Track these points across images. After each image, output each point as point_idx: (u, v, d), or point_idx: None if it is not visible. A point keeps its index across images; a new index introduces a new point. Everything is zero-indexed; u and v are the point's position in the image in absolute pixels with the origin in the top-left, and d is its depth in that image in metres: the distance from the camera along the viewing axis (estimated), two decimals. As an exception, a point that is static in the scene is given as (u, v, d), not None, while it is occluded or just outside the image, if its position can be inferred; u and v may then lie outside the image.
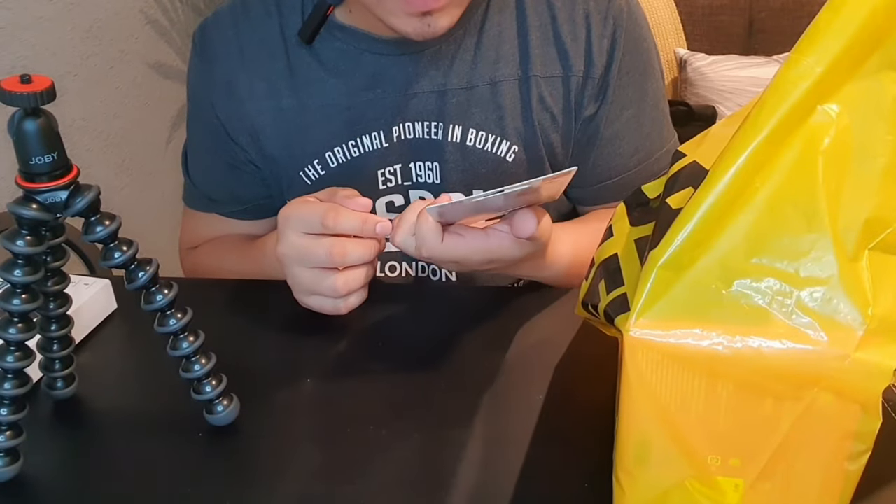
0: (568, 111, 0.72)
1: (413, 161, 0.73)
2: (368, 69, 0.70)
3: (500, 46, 0.70)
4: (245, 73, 0.72)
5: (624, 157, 0.74)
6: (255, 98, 0.72)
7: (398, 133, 0.71)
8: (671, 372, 0.36)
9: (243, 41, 0.72)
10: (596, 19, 0.70)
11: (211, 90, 0.74)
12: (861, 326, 0.33)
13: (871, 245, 0.35)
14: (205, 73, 0.75)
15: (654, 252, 0.36)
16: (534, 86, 0.70)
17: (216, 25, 0.74)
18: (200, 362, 0.50)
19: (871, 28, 0.34)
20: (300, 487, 0.47)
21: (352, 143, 0.72)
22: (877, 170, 0.35)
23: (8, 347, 0.46)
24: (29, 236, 0.43)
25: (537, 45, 0.70)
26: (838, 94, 0.35)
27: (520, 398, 0.53)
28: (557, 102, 0.71)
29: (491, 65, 0.70)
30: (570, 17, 0.70)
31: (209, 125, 0.75)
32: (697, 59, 2.23)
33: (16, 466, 0.48)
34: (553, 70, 0.71)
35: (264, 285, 0.70)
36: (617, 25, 0.71)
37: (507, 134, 0.71)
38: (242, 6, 0.73)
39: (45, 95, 0.40)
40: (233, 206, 0.80)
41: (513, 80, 0.70)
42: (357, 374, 0.57)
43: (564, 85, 0.71)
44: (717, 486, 0.38)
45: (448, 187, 0.73)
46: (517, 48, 0.70)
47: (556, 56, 0.71)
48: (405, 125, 0.71)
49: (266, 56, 0.72)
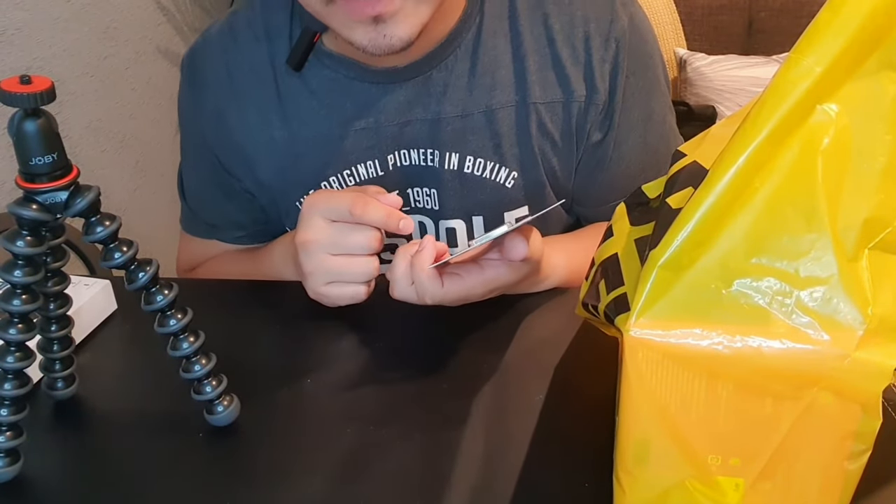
0: (569, 135, 0.70)
1: (410, 187, 0.72)
2: (359, 98, 0.68)
3: (495, 71, 0.68)
4: (235, 101, 0.71)
5: (631, 176, 0.73)
6: (247, 128, 0.71)
7: (393, 161, 0.70)
8: (671, 372, 0.36)
9: (232, 68, 0.71)
10: (596, 42, 0.68)
11: (201, 119, 0.73)
12: (861, 326, 0.33)
13: (870, 244, 0.35)
14: (195, 102, 0.73)
15: (655, 252, 0.36)
16: (533, 112, 0.68)
17: (204, 53, 0.73)
18: (200, 362, 0.50)
19: (871, 28, 0.34)
20: (300, 487, 0.47)
21: (346, 173, 0.70)
22: (876, 169, 0.35)
23: (8, 348, 0.46)
24: (29, 237, 0.43)
25: (535, 70, 0.68)
26: (838, 94, 0.35)
27: (520, 398, 0.53)
28: (558, 127, 0.70)
29: (486, 91, 0.68)
30: (569, 40, 0.68)
31: (202, 154, 0.74)
32: (697, 59, 2.23)
33: (16, 467, 0.48)
34: (553, 95, 0.69)
35: (264, 285, 0.70)
36: (619, 48, 0.68)
37: (506, 161, 0.70)
38: (230, 32, 0.71)
39: (44, 96, 0.40)
40: (234, 232, 0.79)
41: (510, 106, 0.68)
42: (357, 374, 0.57)
43: (565, 110, 0.69)
44: (717, 485, 0.38)
45: (447, 213, 0.72)
46: (513, 73, 0.68)
47: (556, 80, 0.68)
48: (400, 153, 0.70)
49: (256, 84, 0.70)
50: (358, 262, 0.58)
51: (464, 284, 0.56)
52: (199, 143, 0.74)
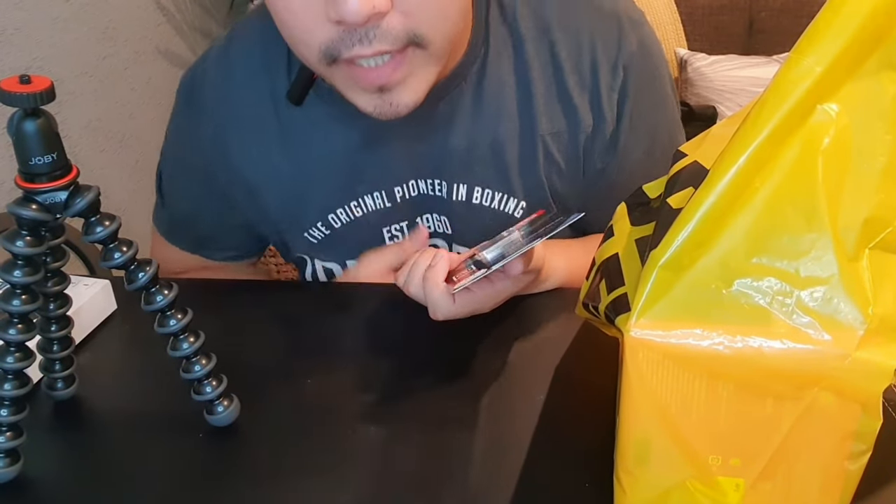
0: (575, 161, 0.69)
1: (420, 215, 0.71)
2: (363, 131, 0.66)
3: (501, 102, 0.66)
4: (236, 131, 0.69)
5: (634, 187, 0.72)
6: (249, 158, 0.70)
7: (401, 193, 0.69)
8: (672, 372, 0.36)
9: (233, 102, 0.69)
10: (604, 70, 0.66)
11: (201, 143, 0.71)
12: (861, 326, 0.33)
13: (871, 244, 0.35)
14: (194, 127, 0.72)
15: (655, 252, 0.36)
16: (540, 143, 0.67)
17: (203, 83, 0.71)
18: (201, 363, 0.50)
19: (871, 28, 0.34)
20: (300, 487, 0.47)
21: (353, 204, 0.69)
22: (876, 169, 0.35)
23: (8, 348, 0.46)
24: (29, 237, 0.43)
25: (543, 101, 0.66)
26: (838, 94, 0.35)
27: (520, 398, 0.53)
28: (565, 155, 0.69)
29: (492, 121, 0.66)
30: (577, 67, 0.66)
31: (199, 179, 0.73)
32: (697, 59, 2.23)
33: (16, 467, 0.48)
34: (560, 125, 0.67)
35: (264, 285, 0.70)
36: (627, 74, 0.66)
37: (514, 191, 0.68)
38: (228, 64, 0.70)
39: (44, 96, 0.40)
40: (225, 253, 0.79)
41: (515, 137, 0.67)
42: (357, 375, 0.57)
43: (572, 139, 0.68)
44: (717, 486, 0.38)
45: (460, 238, 0.72)
46: (518, 102, 0.66)
47: (563, 111, 0.67)
48: (408, 184, 0.69)
49: (257, 118, 0.69)
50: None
51: (475, 298, 0.57)
52: (197, 167, 0.72)
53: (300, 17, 0.53)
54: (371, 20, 0.51)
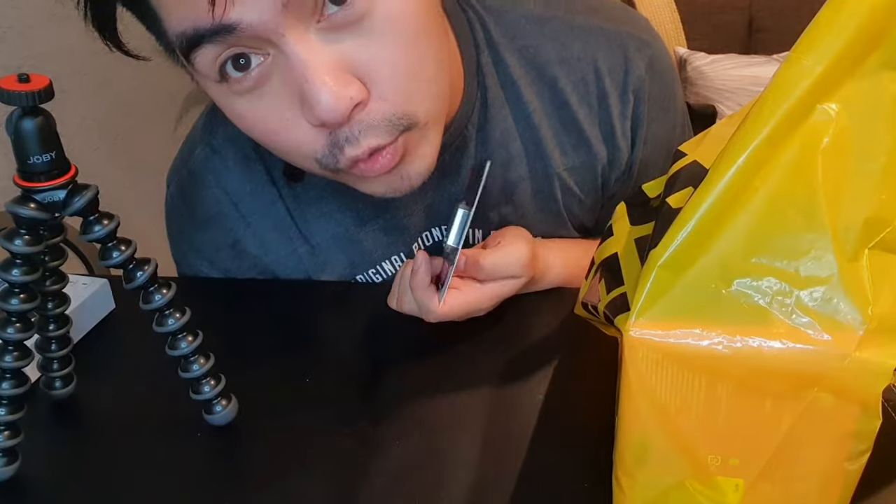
0: (595, 191, 0.68)
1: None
2: (369, 199, 0.58)
3: (508, 145, 0.64)
4: (250, 228, 0.66)
5: None
6: (269, 250, 0.67)
7: (419, 247, 0.68)
8: (671, 372, 0.35)
9: (234, 196, 0.65)
10: (614, 100, 0.64)
11: (218, 256, 0.68)
12: (861, 326, 0.33)
13: (870, 244, 0.35)
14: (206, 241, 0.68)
15: (654, 252, 0.36)
16: (556, 180, 0.66)
17: (196, 184, 0.66)
18: (199, 362, 0.50)
19: (871, 27, 0.33)
20: (299, 487, 0.47)
21: (372, 272, 0.68)
22: (876, 169, 0.35)
23: (6, 347, 0.46)
24: (27, 236, 0.43)
25: (551, 137, 0.64)
26: (838, 94, 0.35)
27: (520, 398, 0.53)
28: (583, 187, 0.68)
29: (501, 165, 0.64)
30: (585, 99, 0.64)
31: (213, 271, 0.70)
32: (697, 59, 2.23)
33: (14, 466, 0.48)
34: (574, 160, 0.66)
35: (264, 285, 0.70)
36: (639, 100, 0.64)
37: (532, 227, 0.65)
38: (216, 156, 0.65)
39: (42, 94, 0.40)
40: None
41: (527, 178, 0.65)
42: (356, 374, 0.57)
43: (589, 170, 0.66)
44: (717, 486, 0.38)
45: None
46: (524, 143, 0.64)
47: (575, 145, 0.65)
48: (423, 236, 0.67)
49: (263, 205, 0.65)
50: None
51: (464, 298, 0.57)
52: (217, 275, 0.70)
53: (284, 135, 0.49)
54: (353, 114, 0.46)
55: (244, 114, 0.49)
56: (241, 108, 0.49)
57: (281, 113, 0.48)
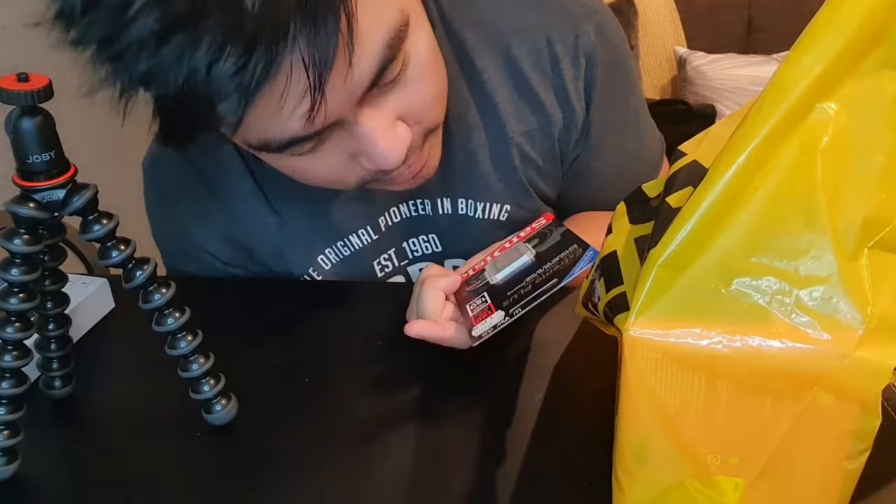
0: (553, 157, 0.70)
1: (406, 239, 0.71)
2: None
3: (465, 115, 0.66)
4: (216, 201, 0.68)
5: (611, 179, 0.73)
6: (237, 221, 0.68)
7: (385, 221, 0.69)
8: (671, 371, 0.35)
9: (202, 170, 0.67)
10: (566, 63, 0.66)
11: (189, 231, 0.69)
12: (861, 325, 0.33)
13: (870, 243, 0.35)
14: (175, 216, 0.70)
15: (654, 251, 0.36)
16: (513, 146, 0.67)
17: (165, 160, 0.68)
18: (198, 361, 0.50)
19: (871, 26, 0.33)
20: (298, 487, 0.47)
21: (340, 244, 0.69)
22: (875, 168, 0.35)
23: (5, 346, 0.46)
24: (26, 235, 0.43)
25: (507, 103, 0.66)
26: (837, 93, 0.35)
27: (519, 398, 0.53)
28: (541, 153, 0.69)
29: (461, 135, 0.67)
30: (538, 66, 0.66)
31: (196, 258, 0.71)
32: (697, 58, 2.23)
33: (13, 466, 0.48)
34: (530, 123, 0.67)
35: (263, 284, 0.70)
36: (590, 63, 0.67)
37: (497, 197, 0.69)
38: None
39: (42, 93, 0.40)
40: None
41: (486, 145, 0.67)
42: (356, 374, 0.57)
43: (545, 135, 0.68)
44: (716, 485, 0.38)
45: (451, 252, 0.72)
46: (482, 112, 0.67)
47: (530, 109, 0.67)
48: (390, 211, 0.69)
49: (231, 177, 0.67)
50: None
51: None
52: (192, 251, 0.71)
53: (335, 178, 0.54)
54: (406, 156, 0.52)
55: (296, 168, 0.54)
56: (295, 165, 0.53)
57: (336, 163, 0.53)
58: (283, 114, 0.45)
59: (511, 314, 0.48)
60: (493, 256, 0.59)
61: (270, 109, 0.44)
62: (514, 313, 0.48)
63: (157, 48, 0.40)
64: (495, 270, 0.55)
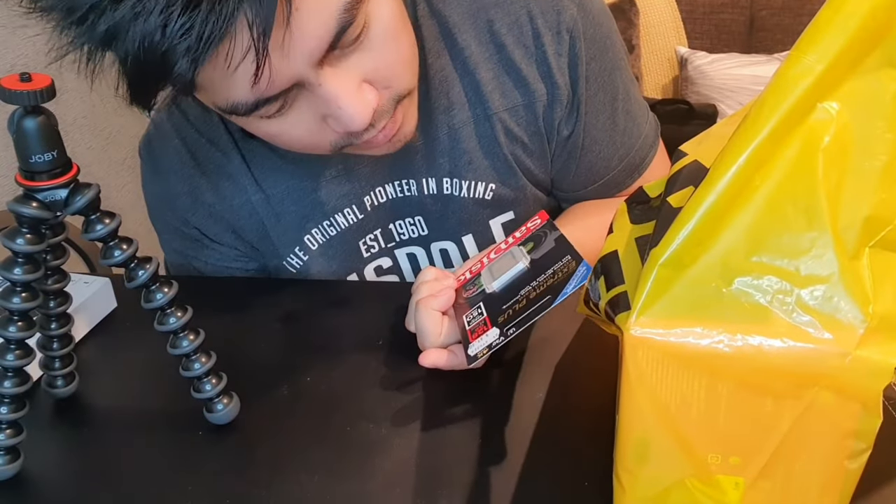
0: (538, 135, 0.70)
1: (392, 221, 0.71)
2: None
3: (448, 92, 0.67)
4: (205, 177, 0.69)
5: (605, 158, 0.73)
6: (224, 198, 0.70)
7: (371, 201, 0.70)
8: (672, 370, 0.36)
9: (192, 146, 0.69)
10: (548, 38, 0.66)
11: (176, 204, 0.71)
12: (862, 324, 0.33)
13: (871, 243, 0.35)
14: (164, 191, 0.71)
15: (655, 250, 0.36)
16: (497, 122, 0.68)
17: (160, 137, 0.71)
18: (200, 360, 0.50)
19: (872, 25, 0.34)
20: (300, 486, 0.47)
21: (326, 224, 0.70)
22: (877, 167, 0.35)
23: (8, 345, 0.46)
24: (29, 234, 0.43)
25: (490, 79, 0.67)
26: (838, 92, 0.35)
27: (520, 397, 0.53)
28: (526, 130, 0.69)
29: (444, 112, 0.67)
30: (520, 40, 0.66)
31: (186, 235, 0.73)
32: (698, 58, 2.23)
33: (16, 465, 0.48)
34: (513, 100, 0.67)
35: (264, 283, 0.70)
36: (573, 38, 0.66)
37: (481, 175, 0.69)
38: (179, 110, 0.69)
39: (44, 93, 0.40)
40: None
41: (470, 122, 0.68)
42: (357, 373, 0.57)
43: (529, 111, 0.68)
44: (717, 484, 0.38)
45: (437, 235, 0.72)
46: (465, 88, 0.67)
47: (513, 85, 0.67)
48: (375, 191, 0.69)
49: (220, 155, 0.68)
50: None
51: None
52: (180, 226, 0.72)
53: (307, 141, 0.55)
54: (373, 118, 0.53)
55: (268, 131, 0.54)
56: (265, 128, 0.54)
57: (307, 126, 0.53)
58: (233, 75, 0.46)
59: (506, 334, 0.48)
60: (489, 258, 0.59)
61: (219, 71, 0.46)
62: (509, 333, 0.48)
63: (113, 10, 0.42)
64: (491, 277, 0.55)
